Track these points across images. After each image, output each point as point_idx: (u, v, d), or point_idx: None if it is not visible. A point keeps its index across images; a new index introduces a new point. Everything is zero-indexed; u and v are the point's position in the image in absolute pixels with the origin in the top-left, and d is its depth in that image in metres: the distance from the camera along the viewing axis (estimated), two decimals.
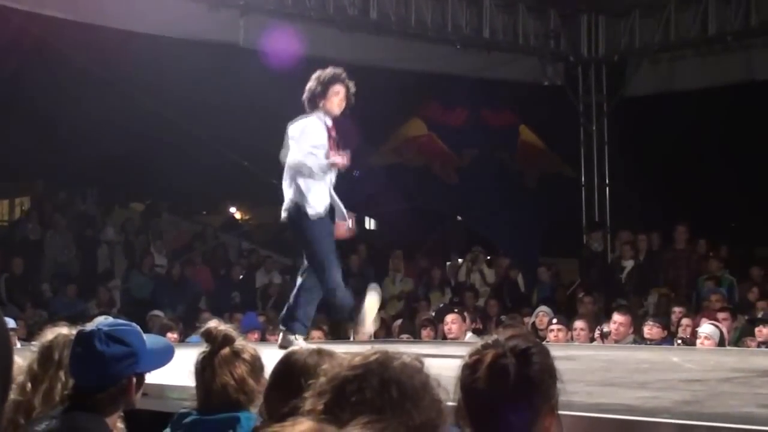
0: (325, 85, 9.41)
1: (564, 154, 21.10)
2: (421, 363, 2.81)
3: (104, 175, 22.44)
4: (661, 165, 20.73)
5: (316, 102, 9.39)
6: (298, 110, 9.54)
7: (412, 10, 17.90)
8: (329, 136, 9.40)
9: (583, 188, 20.58)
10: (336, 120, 9.53)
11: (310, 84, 9.48)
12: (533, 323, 14.11)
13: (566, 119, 20.67)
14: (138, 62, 17.69)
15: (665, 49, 19.28)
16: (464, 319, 13.40)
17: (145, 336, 4.29)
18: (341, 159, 9.39)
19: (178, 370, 4.55)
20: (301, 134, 9.34)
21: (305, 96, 9.47)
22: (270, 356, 4.52)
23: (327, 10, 17.09)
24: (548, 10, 19.60)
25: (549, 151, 21.14)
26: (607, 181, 20.50)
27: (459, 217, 23.52)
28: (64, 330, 4.53)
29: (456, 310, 13.79)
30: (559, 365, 3.08)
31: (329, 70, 9.57)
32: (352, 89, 9.56)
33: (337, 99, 9.40)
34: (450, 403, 2.96)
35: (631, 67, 20.07)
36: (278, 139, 9.72)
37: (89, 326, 4.18)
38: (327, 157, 9.35)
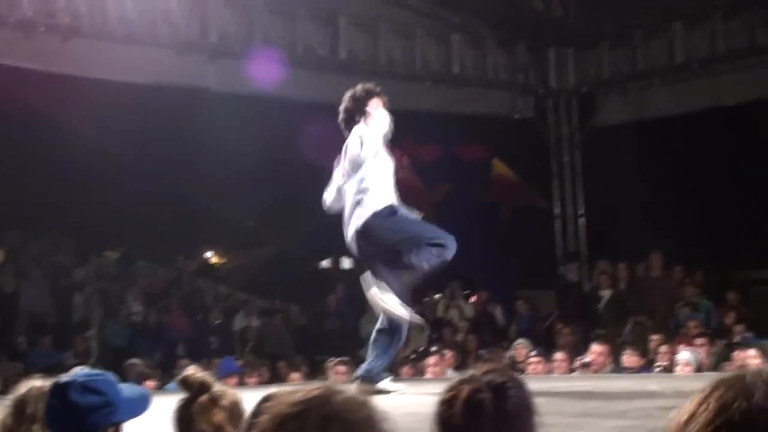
0: (361, 102, 9.06)
1: (537, 186, 21.16)
2: (367, 397, 2.77)
3: (78, 224, 22.35)
4: (634, 193, 20.77)
5: (354, 121, 9.01)
6: (270, 152, 9.44)
7: (380, 48, 17.96)
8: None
9: (557, 219, 20.64)
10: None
11: (345, 104, 9.14)
12: (512, 356, 14.12)
13: (538, 151, 20.75)
14: (108, 109, 17.67)
15: (634, 79, 19.42)
16: (444, 358, 13.43)
17: (121, 385, 4.25)
18: None
19: (157, 419, 4.52)
20: (365, 139, 8.81)
21: (341, 117, 9.14)
22: (251, 400, 4.48)
23: (296, 51, 17.13)
24: (516, 43, 19.70)
25: (522, 183, 21.18)
26: (580, 212, 20.58)
27: None
28: (38, 382, 4.49)
29: (436, 353, 13.83)
30: (537, 398, 3.08)
31: (360, 87, 9.23)
32: (387, 103, 9.18)
33: (377, 114, 9.04)
34: None
35: (600, 98, 20.20)
36: (251, 183, 9.58)
37: (64, 378, 4.15)
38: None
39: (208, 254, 29.09)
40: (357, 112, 8.96)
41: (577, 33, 19.73)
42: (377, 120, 8.95)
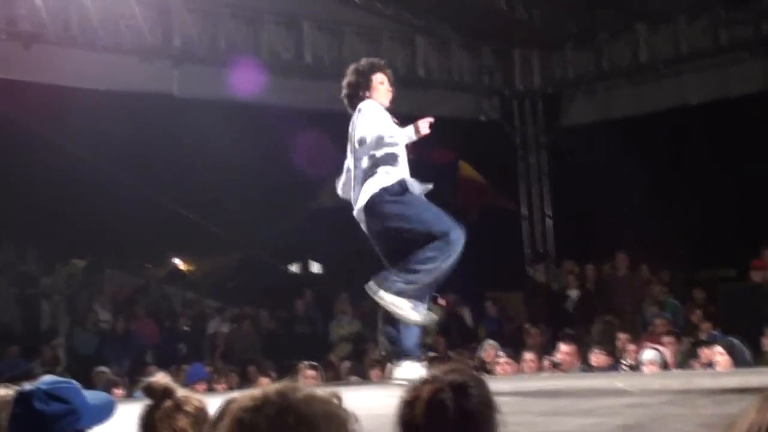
0: (367, 76, 8.67)
1: (504, 187, 21.20)
2: (338, 398, 2.77)
3: (45, 232, 22.27)
4: (601, 193, 20.84)
5: (359, 96, 8.62)
6: (236, 158, 9.29)
7: (345, 52, 17.94)
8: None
9: (524, 220, 20.69)
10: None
11: (349, 78, 8.74)
12: (481, 357, 14.14)
13: (505, 153, 20.80)
14: (73, 117, 17.61)
15: (599, 79, 19.51)
16: None
17: (85, 392, 4.24)
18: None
19: (123, 426, 4.51)
20: (367, 117, 8.45)
21: (345, 92, 8.75)
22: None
23: (260, 55, 17.12)
24: (481, 46, 19.74)
25: (489, 185, 21.21)
26: (548, 213, 20.64)
27: None
28: (2, 391, 4.47)
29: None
30: (506, 398, 3.09)
31: (365, 61, 8.87)
32: (392, 78, 8.83)
33: (383, 88, 8.68)
34: None
35: (566, 98, 20.27)
36: (218, 188, 9.44)
37: (27, 386, 4.13)
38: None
39: (176, 261, 29.02)
40: (361, 87, 8.61)
41: (542, 34, 19.78)
42: (382, 94, 8.63)
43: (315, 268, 31.46)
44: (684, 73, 18.45)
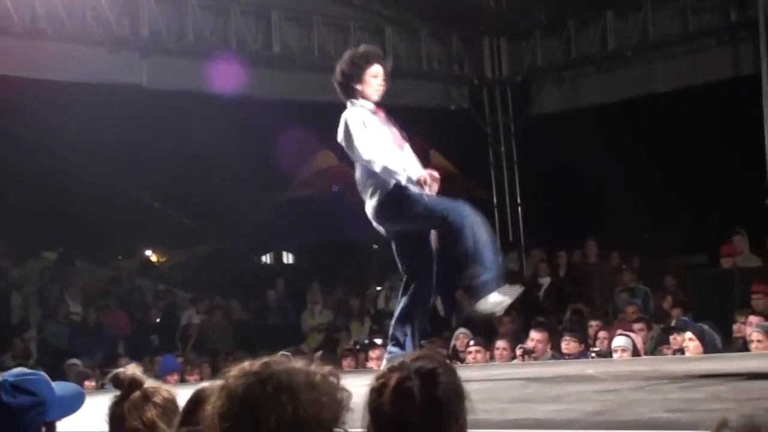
0: (360, 66, 8.17)
1: (475, 176, 21.22)
2: (336, 377, 2.80)
3: (15, 224, 22.17)
4: (570, 181, 20.92)
5: (351, 87, 8.14)
6: (207, 149, 9.12)
7: (314, 42, 17.93)
8: (380, 123, 8.13)
9: (495, 209, 20.71)
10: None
11: (342, 66, 8.22)
12: (454, 346, 14.17)
13: (475, 142, 20.82)
14: (41, 109, 17.54)
15: (568, 67, 19.55)
16: (386, 349, 13.44)
17: (54, 384, 4.24)
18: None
19: (94, 417, 4.51)
20: (347, 132, 8.02)
21: (337, 80, 8.24)
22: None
23: (229, 45, 17.08)
24: (450, 34, 19.75)
25: (460, 174, 21.23)
26: (519, 201, 20.68)
27: (375, 246, 23.56)
28: None
29: (379, 345, 13.86)
30: (476, 385, 3.10)
31: (363, 48, 8.51)
32: (388, 71, 8.40)
33: (375, 82, 8.16)
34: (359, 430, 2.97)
35: (535, 87, 20.32)
36: (189, 179, 9.32)
37: None
38: (394, 144, 8.11)
39: (147, 252, 28.97)
40: (353, 78, 8.13)
41: (510, 23, 19.81)
42: (373, 89, 8.14)
43: (287, 258, 31.47)
44: (652, 61, 18.52)
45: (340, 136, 8.12)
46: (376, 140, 7.99)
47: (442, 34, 19.68)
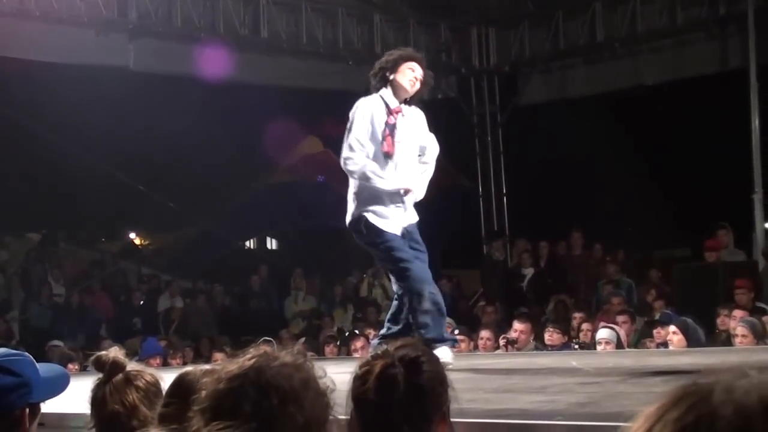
0: (398, 60, 8.04)
1: (461, 165, 21.21)
2: (304, 356, 2.76)
3: None
4: (556, 172, 20.92)
5: (384, 76, 7.99)
6: (192, 132, 9.04)
7: (302, 27, 17.90)
8: (387, 124, 7.89)
9: (481, 198, 20.73)
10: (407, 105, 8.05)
11: (381, 60, 8.15)
12: None
13: (461, 131, 20.80)
14: (27, 89, 17.48)
15: (555, 58, 19.55)
16: (368, 339, 13.48)
17: (38, 365, 4.21)
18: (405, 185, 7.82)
19: (77, 399, 4.49)
20: (350, 122, 7.90)
21: (373, 72, 8.11)
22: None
23: (217, 30, 17.03)
24: (438, 23, 19.73)
25: (446, 163, 21.19)
26: (504, 191, 20.69)
27: None
28: None
29: (362, 334, 13.88)
30: (459, 375, 3.10)
31: (408, 49, 8.49)
32: (431, 81, 8.21)
33: (411, 75, 7.97)
34: (342, 417, 2.96)
35: (522, 77, 20.31)
36: (174, 163, 9.26)
37: None
38: (383, 150, 7.83)
39: (131, 235, 28.90)
40: (388, 68, 8.02)
41: (499, 13, 19.80)
42: (406, 80, 7.96)
43: (271, 244, 31.41)
44: (640, 54, 18.51)
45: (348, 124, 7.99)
46: (368, 140, 7.86)
47: (431, 23, 19.67)
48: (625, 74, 18.77)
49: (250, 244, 30.07)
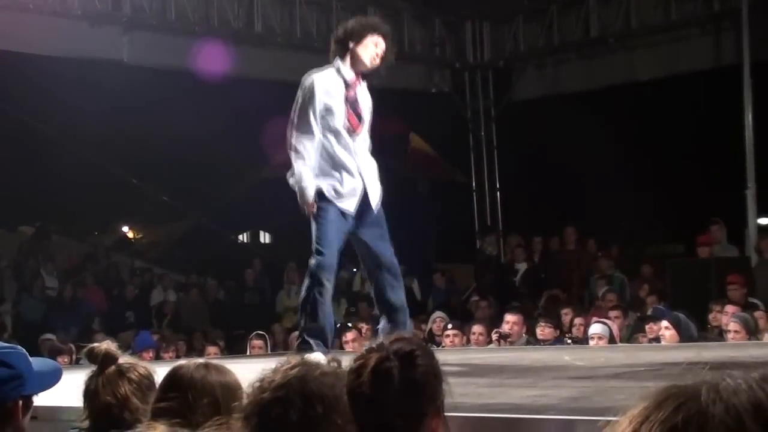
0: (363, 30, 7.49)
1: (454, 160, 21.24)
2: (338, 364, 2.82)
3: None
4: (550, 167, 20.95)
5: (345, 43, 7.46)
6: (186, 126, 8.94)
7: (296, 21, 17.88)
8: (347, 99, 7.48)
9: (474, 193, 20.73)
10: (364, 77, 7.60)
11: (347, 25, 7.62)
12: (430, 329, 14.17)
13: (455, 125, 20.83)
14: (20, 82, 17.46)
15: (549, 53, 19.54)
16: (362, 333, 13.49)
17: (32, 358, 4.21)
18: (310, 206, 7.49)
19: (70, 392, 4.50)
20: (299, 97, 7.46)
21: (336, 38, 7.58)
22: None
23: (211, 23, 17.02)
24: (433, 17, 19.73)
25: (439, 157, 21.25)
26: (498, 185, 20.70)
27: None
28: None
29: (353, 327, 13.87)
30: (452, 369, 3.11)
31: (375, 19, 8.01)
32: (392, 57, 7.62)
33: (374, 50, 7.44)
34: None
35: (516, 72, 20.30)
36: (167, 156, 9.22)
37: None
38: (343, 126, 7.47)
39: (124, 228, 28.91)
40: (353, 36, 7.47)
41: (493, 7, 19.79)
42: (368, 54, 7.45)
43: (264, 237, 31.44)
44: (634, 49, 18.50)
45: (297, 100, 7.56)
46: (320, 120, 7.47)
47: (425, 17, 19.66)
48: (619, 69, 18.77)
49: (243, 237, 30.11)
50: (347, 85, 7.49)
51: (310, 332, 7.63)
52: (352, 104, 7.52)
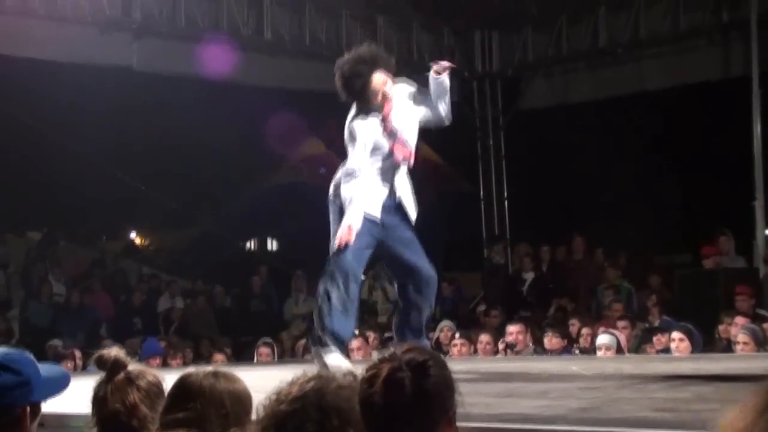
0: (375, 67, 7.75)
1: (462, 168, 21.22)
2: (354, 377, 2.82)
3: None
4: (558, 176, 20.93)
5: (364, 86, 7.73)
6: (195, 133, 8.96)
7: (306, 29, 17.89)
8: (387, 133, 7.75)
9: (482, 202, 20.72)
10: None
11: (361, 59, 7.78)
12: (437, 338, 14.15)
13: (463, 134, 20.80)
14: (30, 87, 17.47)
15: (558, 63, 19.51)
16: (368, 341, 13.47)
17: (39, 364, 4.21)
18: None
19: (78, 399, 4.49)
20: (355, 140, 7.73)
21: (354, 72, 7.75)
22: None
23: (220, 30, 17.02)
24: (442, 27, 19.71)
25: (447, 166, 21.23)
26: (505, 194, 20.68)
27: None
28: None
29: (360, 335, 13.85)
30: (460, 378, 3.10)
31: (384, 54, 8.01)
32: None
33: (382, 89, 7.75)
34: None
35: (525, 81, 20.29)
36: (175, 162, 9.23)
37: None
38: (396, 161, 7.76)
39: (132, 235, 28.93)
40: (366, 77, 7.66)
41: (502, 17, 19.78)
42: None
43: (271, 245, 31.44)
44: (643, 59, 18.48)
45: (346, 134, 7.84)
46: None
47: (434, 26, 19.64)
48: (627, 79, 18.74)
49: (250, 245, 30.11)
50: (382, 119, 7.79)
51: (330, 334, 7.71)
52: (392, 135, 7.80)
